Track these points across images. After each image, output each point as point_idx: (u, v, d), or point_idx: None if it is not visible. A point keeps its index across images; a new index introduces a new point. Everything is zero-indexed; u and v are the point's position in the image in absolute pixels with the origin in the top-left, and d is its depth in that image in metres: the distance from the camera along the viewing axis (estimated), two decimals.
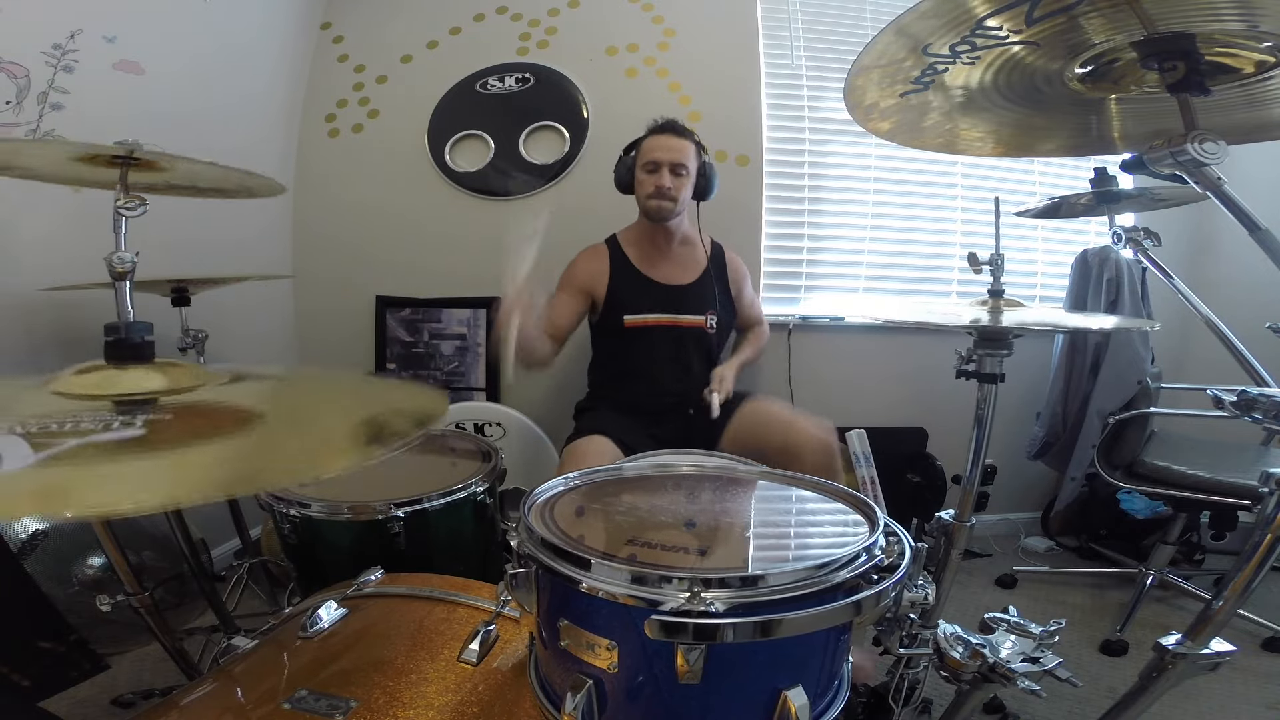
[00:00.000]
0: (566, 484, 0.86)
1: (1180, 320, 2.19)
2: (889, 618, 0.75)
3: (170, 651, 1.18)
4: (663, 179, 1.72)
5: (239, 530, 1.85)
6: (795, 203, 2.42)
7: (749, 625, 0.57)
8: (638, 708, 0.63)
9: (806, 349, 2.37)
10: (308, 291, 2.46)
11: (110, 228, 0.96)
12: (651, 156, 1.74)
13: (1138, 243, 1.62)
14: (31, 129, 1.52)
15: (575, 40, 2.41)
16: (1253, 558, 0.81)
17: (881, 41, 0.84)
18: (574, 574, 0.62)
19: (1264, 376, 1.44)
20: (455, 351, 2.41)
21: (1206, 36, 0.75)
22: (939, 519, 1.24)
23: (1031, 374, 2.35)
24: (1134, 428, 1.95)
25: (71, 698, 1.36)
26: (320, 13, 2.48)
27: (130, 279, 0.95)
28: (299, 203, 2.43)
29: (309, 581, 1.26)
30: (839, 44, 2.40)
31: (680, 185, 1.74)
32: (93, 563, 1.43)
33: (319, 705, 0.67)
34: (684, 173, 1.73)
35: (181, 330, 1.63)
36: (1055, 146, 1.14)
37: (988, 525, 2.47)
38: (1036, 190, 2.47)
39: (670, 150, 1.72)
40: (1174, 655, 0.84)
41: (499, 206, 2.39)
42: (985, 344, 1.17)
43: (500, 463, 1.38)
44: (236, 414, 0.65)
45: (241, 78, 2.15)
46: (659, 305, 1.82)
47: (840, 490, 0.85)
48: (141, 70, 1.76)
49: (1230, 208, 0.77)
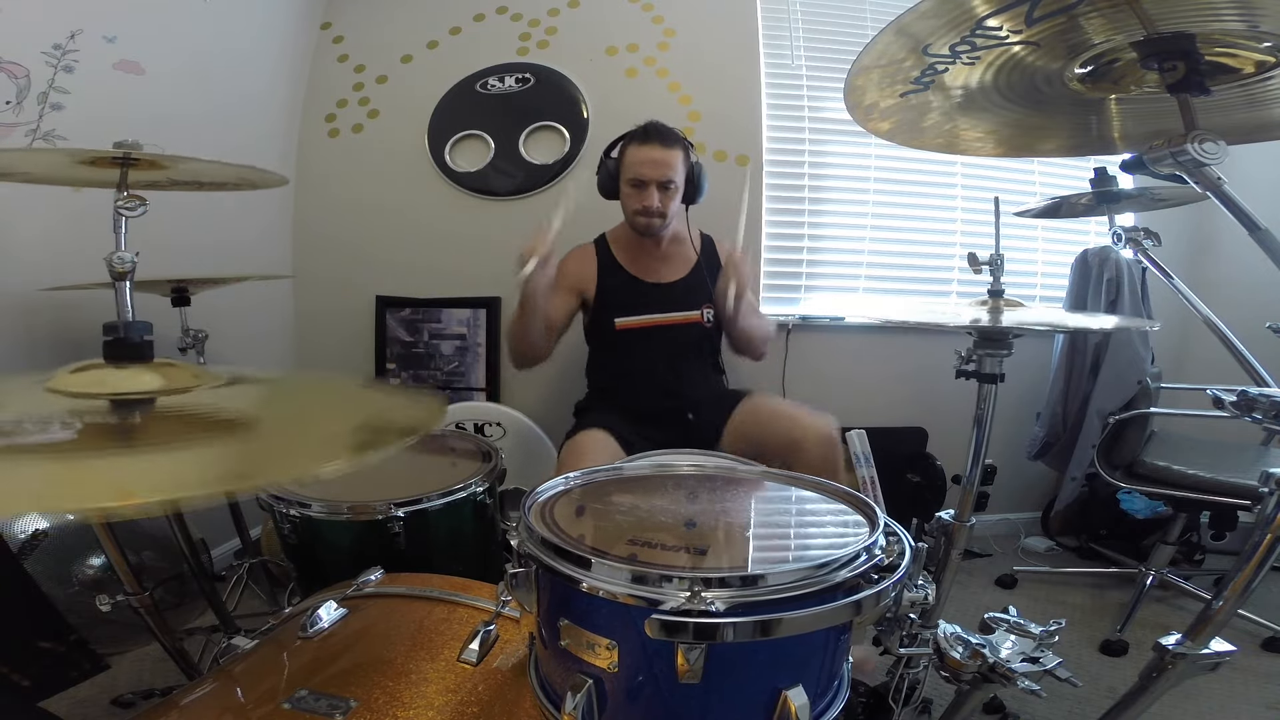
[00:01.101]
0: (566, 484, 0.86)
1: (1180, 320, 2.19)
2: (889, 618, 0.75)
3: (170, 651, 1.18)
4: (650, 199, 1.65)
5: (239, 530, 1.85)
6: (795, 203, 2.42)
7: (749, 625, 0.57)
8: (638, 707, 0.63)
9: (806, 349, 2.37)
10: (308, 291, 2.46)
11: (110, 228, 0.97)
12: (636, 173, 1.65)
13: (1138, 243, 1.62)
14: (31, 129, 1.52)
15: (575, 40, 2.41)
16: (1253, 558, 0.81)
17: (881, 41, 0.84)
18: (574, 573, 0.62)
19: (1264, 376, 1.44)
20: (455, 351, 2.41)
21: (1206, 36, 0.75)
22: (939, 519, 1.24)
23: (1031, 374, 2.35)
24: (1134, 428, 1.95)
25: (71, 698, 1.36)
26: (320, 13, 2.48)
27: (130, 279, 0.95)
28: (299, 203, 2.43)
29: (309, 581, 1.26)
30: (839, 44, 2.40)
31: (669, 200, 1.67)
32: (93, 563, 1.43)
33: (319, 705, 0.67)
34: (672, 187, 1.66)
35: (181, 330, 1.63)
36: (1055, 146, 1.14)
37: (988, 525, 2.47)
38: (1036, 190, 2.47)
39: (656, 166, 1.64)
40: (1174, 655, 0.83)
41: (499, 206, 2.39)
42: (985, 344, 1.17)
43: (500, 463, 1.38)
44: (226, 419, 0.65)
45: (241, 77, 2.15)
46: (650, 305, 1.77)
47: (840, 490, 0.85)
48: (141, 70, 1.76)
49: (1230, 208, 0.77)
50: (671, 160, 1.66)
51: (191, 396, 0.69)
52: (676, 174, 1.67)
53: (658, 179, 1.65)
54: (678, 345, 1.79)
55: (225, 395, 0.72)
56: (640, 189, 1.67)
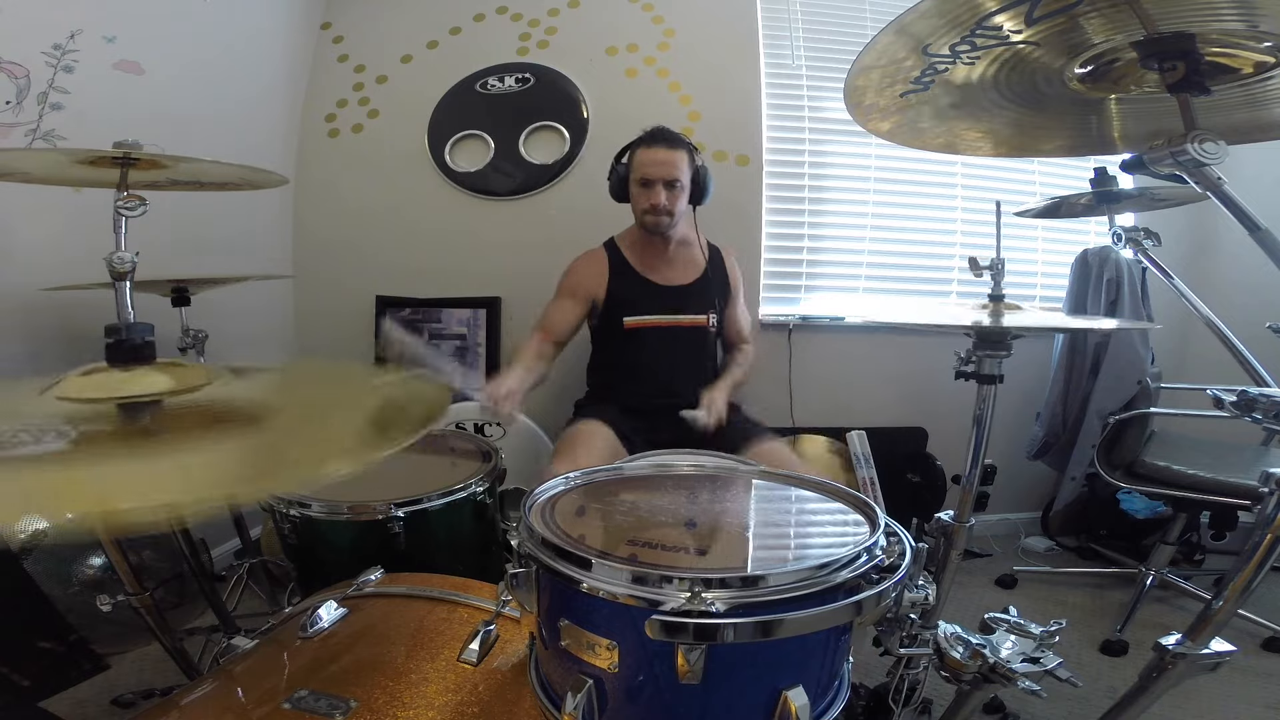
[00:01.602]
0: (567, 484, 0.86)
1: (1180, 320, 2.19)
2: (889, 618, 0.75)
3: (170, 651, 1.18)
4: (657, 197, 1.72)
5: (239, 530, 1.85)
6: (795, 203, 2.42)
7: (749, 625, 0.57)
8: (638, 708, 0.63)
9: (806, 349, 2.37)
10: (308, 292, 2.46)
11: (110, 228, 0.97)
12: (644, 173, 1.73)
13: (1138, 243, 1.62)
14: (31, 129, 1.52)
15: (575, 40, 2.41)
16: (1253, 558, 0.81)
17: (881, 41, 0.84)
18: (574, 574, 0.62)
19: (1264, 376, 1.44)
20: (455, 352, 2.40)
21: (1206, 36, 0.75)
22: (939, 519, 1.24)
23: (1031, 374, 2.35)
24: (1134, 428, 1.95)
25: (71, 698, 1.36)
26: (320, 13, 2.48)
27: (130, 279, 0.95)
28: (299, 203, 2.43)
29: (309, 581, 1.26)
30: (839, 44, 2.40)
31: (675, 199, 1.74)
32: (93, 563, 1.43)
33: (319, 705, 0.67)
34: (678, 186, 1.73)
35: (181, 330, 1.63)
36: (1055, 146, 1.14)
37: (988, 525, 2.47)
38: (1036, 190, 2.47)
39: (662, 166, 1.71)
40: (1174, 655, 0.84)
41: (499, 206, 2.39)
42: (984, 345, 1.17)
43: (500, 463, 1.38)
44: (242, 414, 0.64)
45: (242, 78, 2.15)
46: (659, 306, 1.82)
47: (840, 490, 0.85)
48: (141, 70, 1.76)
49: (1230, 208, 0.77)
50: (677, 161, 1.73)
51: (202, 394, 0.68)
52: (682, 174, 1.73)
53: (664, 178, 1.72)
54: (681, 346, 1.83)
55: (237, 388, 0.71)
56: (648, 188, 1.73)
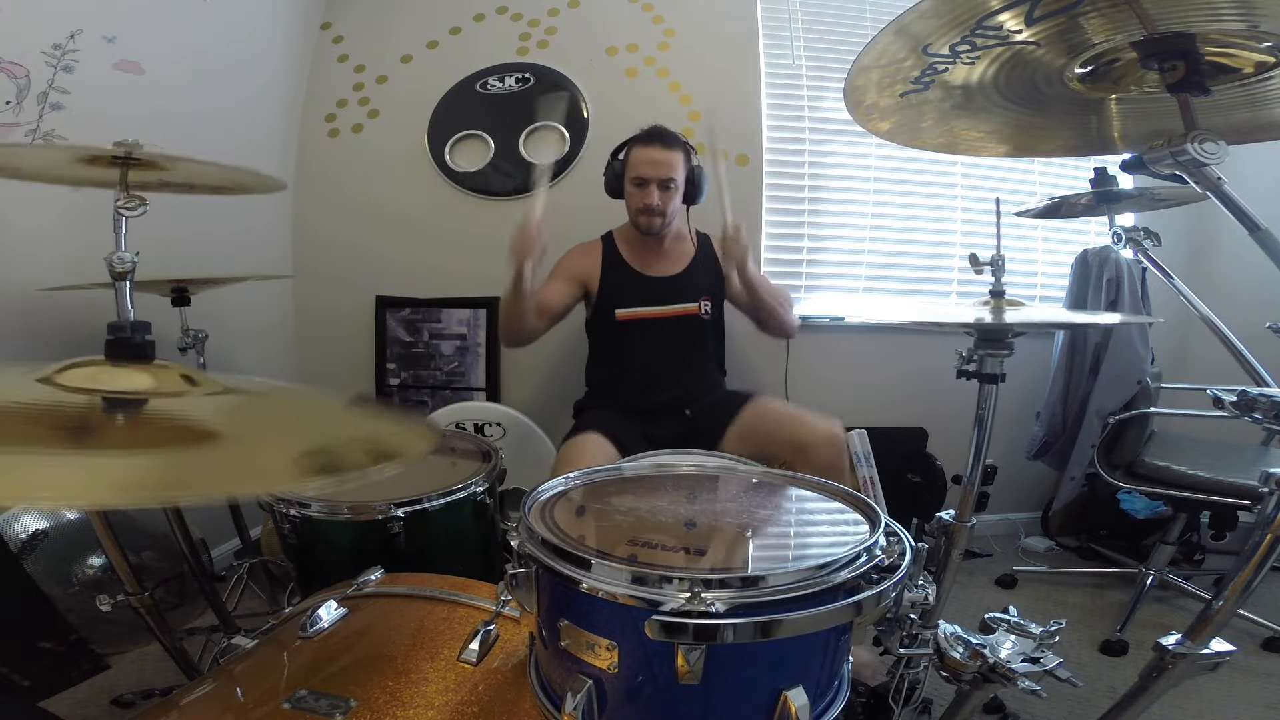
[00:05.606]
0: (567, 484, 0.86)
1: (1180, 320, 2.19)
2: (889, 618, 0.75)
3: (170, 651, 1.18)
4: (651, 196, 1.72)
5: (239, 530, 1.85)
6: (795, 203, 2.42)
7: (749, 626, 0.57)
8: (638, 708, 0.63)
9: (806, 349, 2.36)
10: (308, 291, 2.46)
11: (110, 227, 0.97)
12: (639, 172, 1.73)
13: (1138, 243, 1.62)
14: (31, 129, 1.52)
15: (575, 40, 2.41)
16: (1253, 558, 0.81)
17: (881, 41, 0.84)
18: (574, 574, 0.62)
19: (1264, 376, 1.44)
20: (455, 351, 2.41)
21: (1206, 36, 0.75)
22: (939, 519, 1.24)
23: (1031, 374, 2.35)
24: (1134, 427, 1.95)
25: (71, 698, 1.36)
26: (320, 13, 2.48)
27: (130, 279, 0.95)
28: (299, 203, 2.43)
29: (309, 581, 1.25)
30: (839, 44, 2.40)
31: (669, 199, 1.74)
32: (93, 563, 1.42)
33: (319, 705, 0.67)
34: (672, 186, 1.73)
35: (181, 330, 1.63)
36: (1055, 146, 1.14)
37: (988, 525, 2.47)
38: (1036, 190, 2.46)
39: (657, 165, 1.71)
40: (1174, 655, 0.84)
41: (499, 206, 2.39)
42: (985, 344, 1.17)
43: (500, 463, 1.38)
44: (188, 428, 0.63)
45: (241, 78, 2.15)
46: (651, 298, 1.82)
47: (840, 490, 0.85)
48: (141, 70, 1.76)
49: (1230, 208, 0.77)
50: (672, 160, 1.72)
51: (177, 402, 0.68)
52: (677, 174, 1.73)
53: (659, 178, 1.72)
54: (677, 339, 1.83)
55: (207, 405, 0.70)
56: (642, 187, 1.73)
